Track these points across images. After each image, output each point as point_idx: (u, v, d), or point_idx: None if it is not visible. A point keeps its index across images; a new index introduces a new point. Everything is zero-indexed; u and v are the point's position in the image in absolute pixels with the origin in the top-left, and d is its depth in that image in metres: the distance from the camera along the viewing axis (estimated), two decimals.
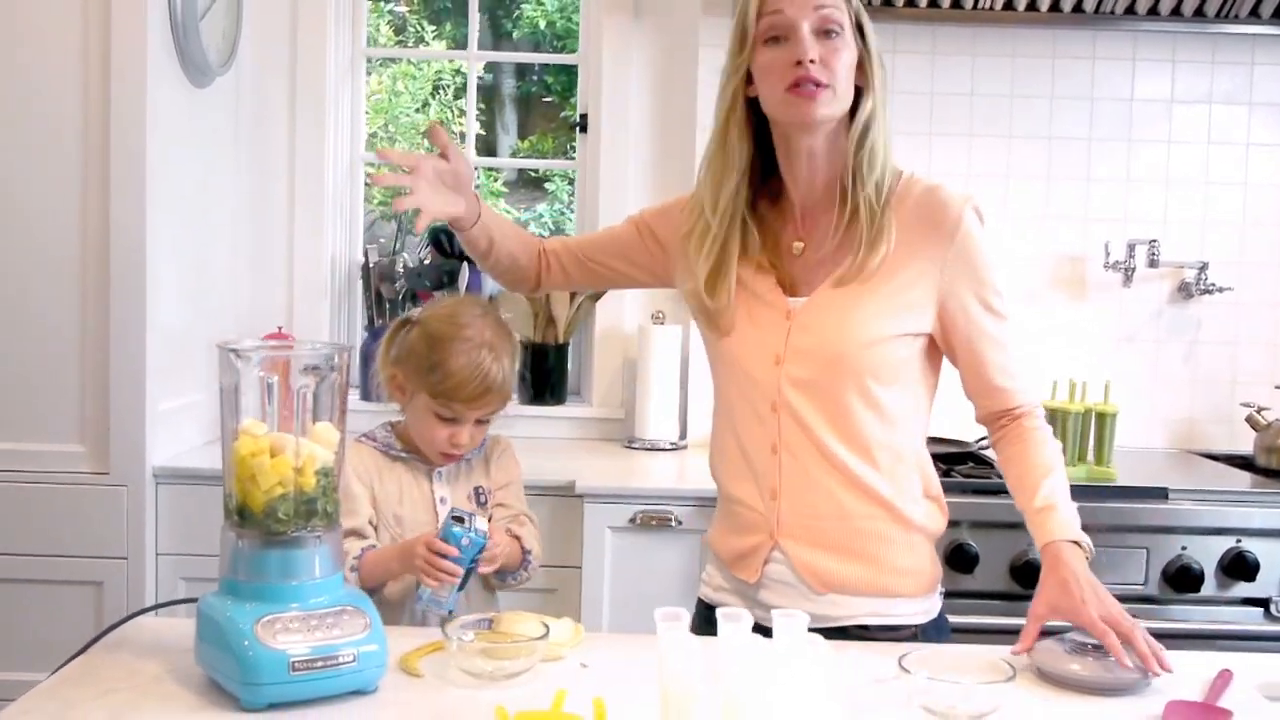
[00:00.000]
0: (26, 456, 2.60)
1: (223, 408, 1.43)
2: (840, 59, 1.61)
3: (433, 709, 1.38)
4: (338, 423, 1.46)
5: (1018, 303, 3.05)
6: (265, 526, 1.40)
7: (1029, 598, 2.45)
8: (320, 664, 1.37)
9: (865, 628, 1.67)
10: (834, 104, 1.62)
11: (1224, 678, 1.50)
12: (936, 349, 1.72)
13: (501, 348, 1.87)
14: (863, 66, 1.64)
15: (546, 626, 1.51)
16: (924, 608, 1.72)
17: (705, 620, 1.68)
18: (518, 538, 1.94)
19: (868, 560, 1.67)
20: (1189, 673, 1.53)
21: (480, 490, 1.97)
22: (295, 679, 1.35)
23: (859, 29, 1.64)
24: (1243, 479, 2.79)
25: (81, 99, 2.57)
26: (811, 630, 1.66)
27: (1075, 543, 1.60)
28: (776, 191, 1.73)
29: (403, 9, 6.19)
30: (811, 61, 1.59)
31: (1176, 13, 3.03)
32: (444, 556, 1.73)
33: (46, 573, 2.59)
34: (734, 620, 1.24)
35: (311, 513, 1.42)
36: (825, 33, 1.60)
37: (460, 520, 1.75)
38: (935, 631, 1.72)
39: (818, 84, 1.60)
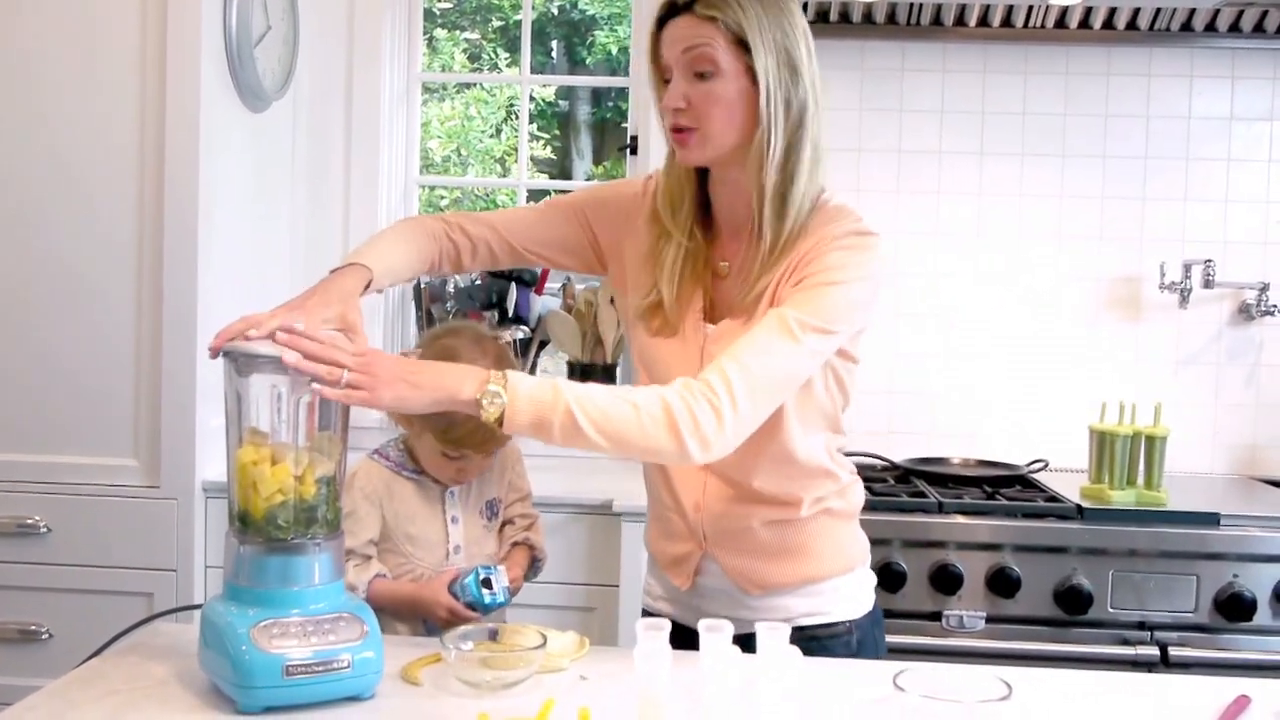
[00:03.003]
0: (82, 469, 2.68)
1: (227, 415, 1.46)
2: (712, 100, 1.55)
3: (425, 717, 1.39)
4: (340, 433, 1.48)
5: (1074, 323, 3.06)
6: (266, 533, 1.43)
7: (1073, 623, 2.46)
8: (316, 669, 1.39)
9: (801, 629, 1.64)
10: (706, 147, 1.58)
11: (1239, 703, 1.45)
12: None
13: None
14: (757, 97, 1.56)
15: (544, 637, 1.51)
16: (854, 595, 1.72)
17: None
18: (531, 546, 1.97)
19: (792, 554, 1.67)
20: (1205, 697, 1.48)
21: (493, 503, 1.98)
22: (290, 683, 1.37)
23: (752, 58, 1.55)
24: None
25: (138, 123, 2.65)
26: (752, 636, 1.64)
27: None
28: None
29: (475, 36, 6.28)
30: (679, 108, 1.56)
31: (1235, 28, 2.97)
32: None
33: (98, 583, 2.66)
34: (715, 631, 1.23)
35: (312, 520, 1.44)
36: (698, 74, 1.55)
37: (488, 585, 1.77)
38: (871, 625, 1.73)
39: (683, 129, 1.57)
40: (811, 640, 1.65)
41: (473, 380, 1.43)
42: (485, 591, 1.77)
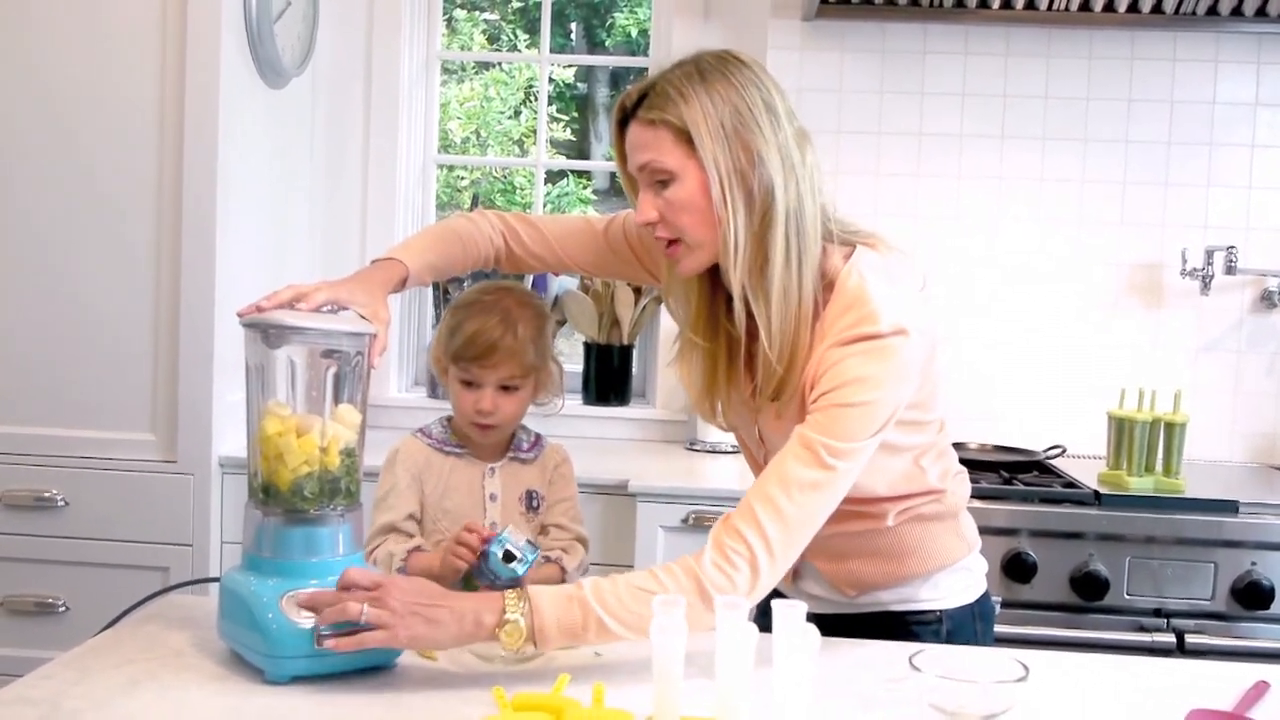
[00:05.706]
0: (99, 444, 2.69)
1: (248, 385, 1.46)
2: (677, 208, 1.48)
3: (440, 691, 1.39)
4: (359, 405, 1.48)
5: (1094, 309, 3.04)
6: (291, 504, 1.43)
7: (1090, 609, 2.45)
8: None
9: (891, 614, 1.67)
10: (694, 254, 1.52)
11: (1259, 689, 1.44)
12: None
13: (519, 314, 1.85)
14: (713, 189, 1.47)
15: None
16: (949, 586, 1.69)
17: (762, 612, 1.60)
18: (563, 569, 1.91)
19: (884, 556, 1.66)
20: (1222, 682, 1.48)
21: (534, 495, 1.96)
22: (319, 653, 1.37)
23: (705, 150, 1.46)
24: None
25: (158, 98, 2.65)
26: (840, 615, 1.67)
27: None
28: None
29: (494, 17, 6.26)
30: (651, 222, 1.51)
31: (1262, 13, 2.93)
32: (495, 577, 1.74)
33: (114, 557, 2.67)
34: (790, 608, 1.23)
35: (335, 491, 1.45)
36: (660, 183, 1.49)
37: (511, 557, 1.69)
38: (969, 618, 1.69)
39: (668, 241, 1.53)
40: (899, 625, 1.66)
41: (490, 612, 1.37)
42: (514, 565, 1.72)
